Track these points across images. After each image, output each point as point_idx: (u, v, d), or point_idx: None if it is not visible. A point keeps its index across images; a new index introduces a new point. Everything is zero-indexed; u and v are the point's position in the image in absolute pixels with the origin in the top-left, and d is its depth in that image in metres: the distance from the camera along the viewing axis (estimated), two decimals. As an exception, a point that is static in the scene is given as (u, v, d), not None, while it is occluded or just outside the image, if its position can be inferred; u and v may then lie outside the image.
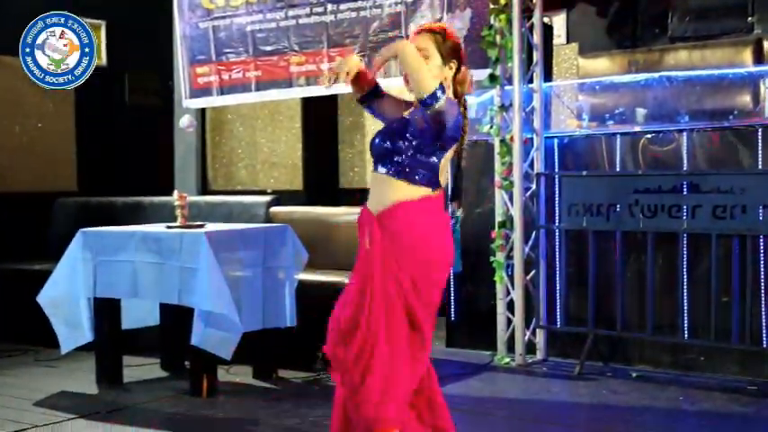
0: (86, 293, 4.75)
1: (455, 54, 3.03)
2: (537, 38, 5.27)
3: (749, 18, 6.12)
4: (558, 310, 5.20)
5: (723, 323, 4.65)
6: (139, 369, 5.11)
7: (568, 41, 6.72)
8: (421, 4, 5.39)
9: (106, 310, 4.80)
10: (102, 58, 7.12)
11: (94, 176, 7.06)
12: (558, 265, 5.20)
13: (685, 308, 4.82)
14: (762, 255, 4.60)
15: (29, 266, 5.97)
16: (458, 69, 3.04)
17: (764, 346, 4.61)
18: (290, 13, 5.87)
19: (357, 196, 7.11)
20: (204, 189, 7.74)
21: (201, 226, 4.76)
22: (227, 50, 6.17)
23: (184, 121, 5.59)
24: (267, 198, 5.93)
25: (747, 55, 5.97)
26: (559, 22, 6.63)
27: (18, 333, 5.91)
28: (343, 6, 5.67)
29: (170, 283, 4.46)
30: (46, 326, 4.87)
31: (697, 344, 4.83)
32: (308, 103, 7.29)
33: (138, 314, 5.05)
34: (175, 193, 4.83)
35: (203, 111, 7.46)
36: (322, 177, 7.54)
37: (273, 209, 5.77)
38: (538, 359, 5.27)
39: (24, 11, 6.08)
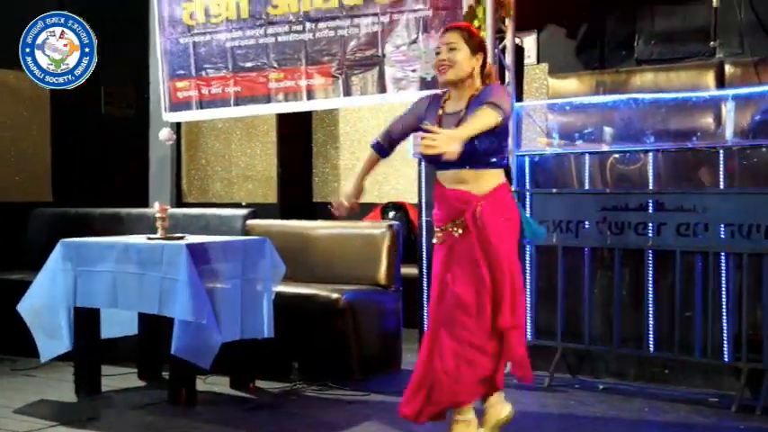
0: (66, 303, 4.80)
1: (481, 48, 3.61)
2: (509, 59, 5.43)
3: (711, 42, 6.33)
4: (528, 323, 5.33)
5: (686, 337, 4.83)
6: (117, 378, 5.16)
7: (539, 62, 6.90)
8: (397, 24, 5.54)
9: (85, 320, 4.85)
10: (79, 70, 7.17)
11: (70, 187, 7.09)
12: (528, 280, 5.34)
13: (650, 322, 4.97)
14: (723, 271, 4.76)
15: (5, 276, 6.00)
16: (483, 62, 3.60)
17: (725, 360, 4.77)
18: (270, 30, 5.98)
19: (331, 210, 7.22)
20: (179, 201, 7.80)
21: (182, 238, 4.84)
22: (207, 66, 6.26)
23: (164, 134, 5.69)
24: (244, 211, 6.01)
25: (710, 78, 6.19)
26: (530, 42, 6.81)
27: (-7, 342, 5.93)
28: (321, 25, 5.80)
29: (150, 294, 4.53)
30: (21, 335, 4.92)
31: (661, 357, 4.98)
32: (283, 117, 7.39)
33: (117, 324, 5.11)
34: (156, 204, 4.89)
35: (179, 124, 7.53)
36: (296, 191, 7.64)
37: (250, 222, 5.85)
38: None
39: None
